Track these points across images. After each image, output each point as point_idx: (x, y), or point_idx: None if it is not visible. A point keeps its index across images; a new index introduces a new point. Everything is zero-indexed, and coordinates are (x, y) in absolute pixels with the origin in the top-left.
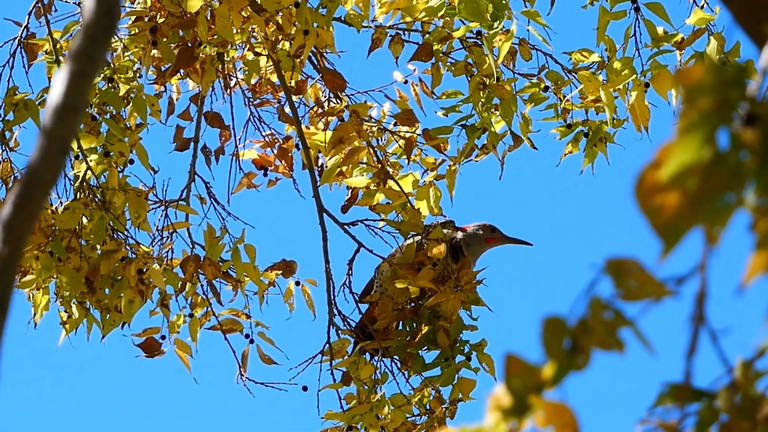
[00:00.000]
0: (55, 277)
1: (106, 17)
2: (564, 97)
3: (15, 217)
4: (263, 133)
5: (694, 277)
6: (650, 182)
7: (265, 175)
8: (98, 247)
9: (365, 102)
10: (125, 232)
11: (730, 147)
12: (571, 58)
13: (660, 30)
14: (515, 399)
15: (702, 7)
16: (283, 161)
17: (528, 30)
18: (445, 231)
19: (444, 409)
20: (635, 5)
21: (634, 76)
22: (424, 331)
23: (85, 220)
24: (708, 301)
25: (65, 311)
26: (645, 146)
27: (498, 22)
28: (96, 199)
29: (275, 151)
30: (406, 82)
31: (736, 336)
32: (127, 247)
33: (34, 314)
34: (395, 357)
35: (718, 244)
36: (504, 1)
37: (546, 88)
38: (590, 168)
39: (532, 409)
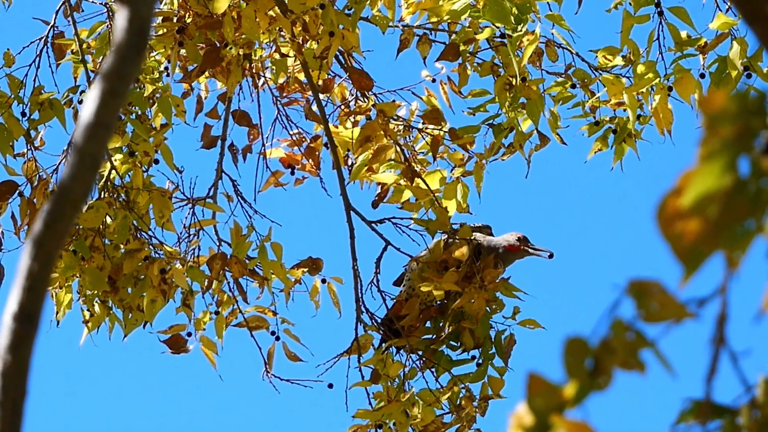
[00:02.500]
0: (78, 275)
1: (138, 36)
2: (592, 94)
3: (45, 233)
4: (291, 132)
5: (715, 300)
6: (672, 209)
7: (293, 173)
8: (121, 246)
9: (393, 101)
10: (149, 232)
11: (750, 174)
12: (597, 56)
13: (683, 34)
14: (537, 418)
15: (726, 12)
16: (310, 160)
17: (552, 33)
18: (478, 234)
19: (475, 407)
20: (659, 9)
21: (658, 79)
22: (448, 331)
23: (108, 219)
24: (728, 324)
25: (88, 310)
26: (668, 149)
27: (522, 25)
28: (120, 199)
29: (303, 150)
30: (434, 80)
31: (756, 358)
32: (151, 246)
33: (57, 312)
34: (419, 353)
35: (739, 269)
36: (528, 4)
37: (573, 86)
38: (618, 166)
39: (553, 429)
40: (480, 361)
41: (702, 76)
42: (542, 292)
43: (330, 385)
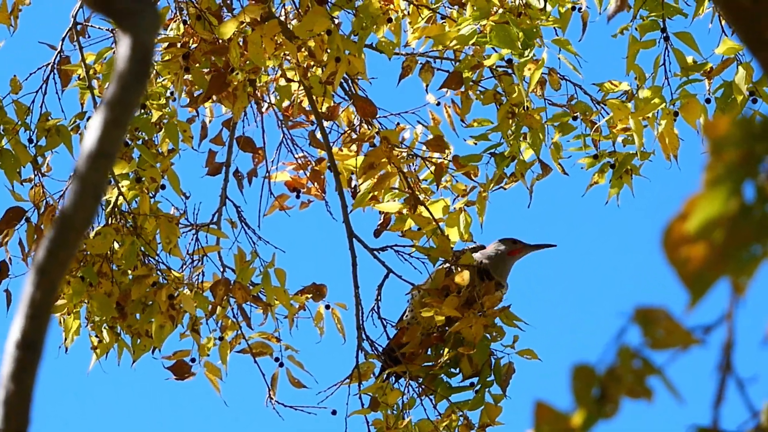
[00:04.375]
0: (86, 302)
1: (140, 64)
2: (592, 125)
3: (48, 261)
4: (296, 156)
5: (721, 326)
6: (677, 234)
7: (298, 197)
8: (129, 272)
9: (398, 124)
10: (156, 258)
11: (755, 199)
12: (599, 89)
13: (689, 59)
14: None
15: (732, 36)
16: (315, 183)
17: (559, 58)
18: (474, 255)
19: None
20: (665, 34)
21: (664, 104)
22: (446, 357)
23: (116, 245)
24: (735, 350)
25: (96, 336)
26: (674, 175)
27: (529, 50)
28: (127, 225)
29: (308, 173)
30: (438, 104)
31: (763, 384)
32: (158, 272)
33: (65, 339)
34: (419, 380)
35: (745, 295)
36: (535, 30)
37: (575, 118)
38: (627, 194)
39: None
40: (478, 388)
41: (708, 101)
42: (544, 321)
43: (333, 412)
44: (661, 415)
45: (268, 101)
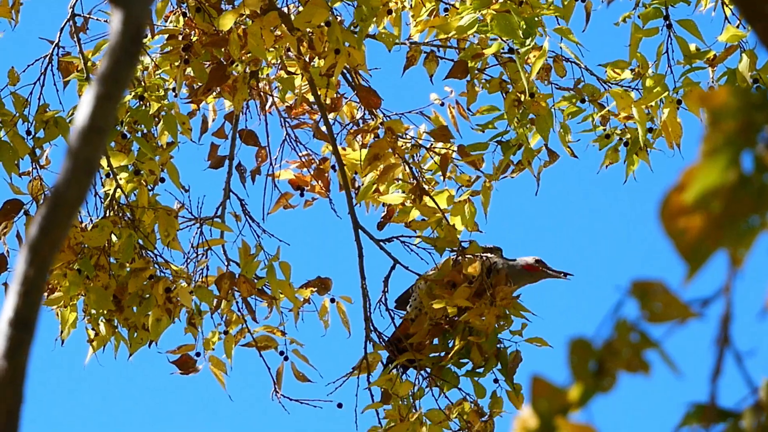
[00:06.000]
0: (83, 294)
1: (132, 42)
2: (601, 108)
3: (40, 238)
4: (299, 154)
5: (719, 299)
6: (675, 205)
7: (302, 195)
8: (127, 265)
9: (399, 120)
10: (154, 251)
11: (754, 170)
12: (606, 70)
13: (692, 47)
14: (541, 421)
15: (738, 26)
16: (319, 181)
17: (561, 47)
18: (490, 255)
19: (483, 423)
20: (668, 22)
21: (667, 93)
22: (457, 347)
23: (113, 238)
24: (733, 323)
25: (93, 329)
26: (677, 163)
27: (530, 39)
28: (126, 218)
29: (312, 172)
30: (442, 104)
31: (761, 358)
32: (156, 265)
33: (62, 331)
34: (428, 370)
35: (743, 267)
36: (537, 18)
37: (583, 100)
38: (630, 180)
39: (558, 431)
40: (494, 379)
41: (711, 89)
42: (551, 309)
43: (339, 405)
44: (658, 388)
45: (271, 97)
